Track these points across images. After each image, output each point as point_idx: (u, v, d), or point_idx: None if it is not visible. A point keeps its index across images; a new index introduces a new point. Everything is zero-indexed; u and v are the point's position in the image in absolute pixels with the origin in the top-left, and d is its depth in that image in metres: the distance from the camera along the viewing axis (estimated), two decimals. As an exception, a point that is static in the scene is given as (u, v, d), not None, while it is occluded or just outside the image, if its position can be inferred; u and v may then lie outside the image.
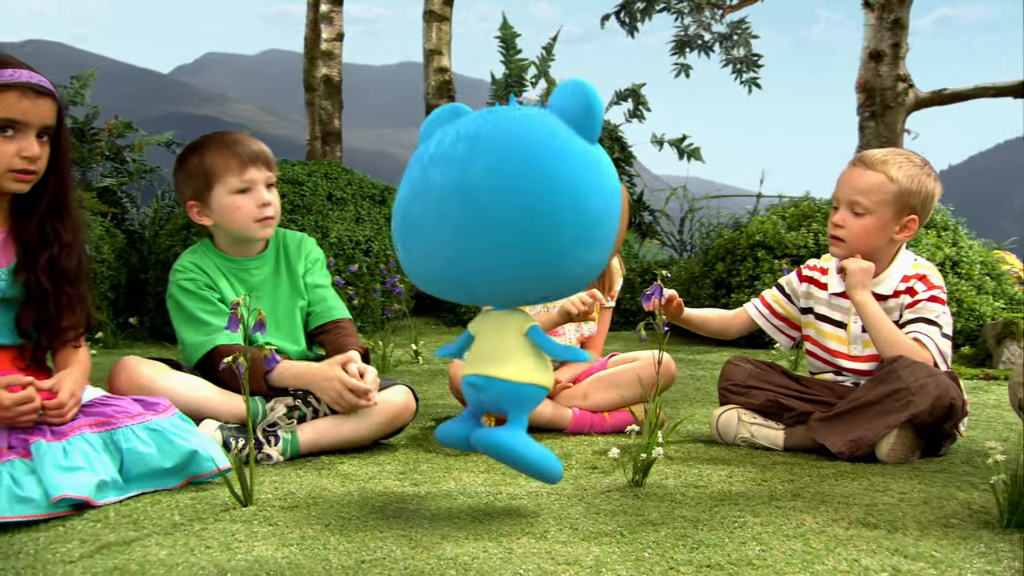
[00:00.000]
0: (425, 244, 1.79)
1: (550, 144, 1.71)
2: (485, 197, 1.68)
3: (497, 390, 1.81)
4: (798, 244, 5.24)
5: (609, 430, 2.80)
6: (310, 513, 1.86)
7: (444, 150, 1.76)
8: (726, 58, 9.48)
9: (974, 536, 1.71)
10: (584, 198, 1.72)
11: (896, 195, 2.51)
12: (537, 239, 1.69)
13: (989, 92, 9.24)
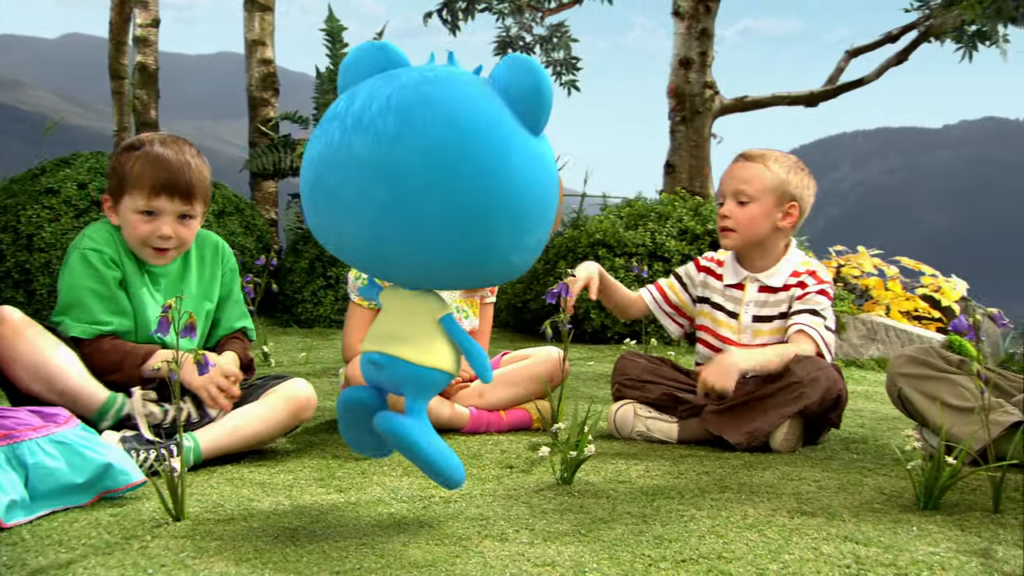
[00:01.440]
0: (341, 216, 1.65)
1: (494, 136, 1.58)
2: (415, 183, 1.54)
3: (400, 371, 1.70)
4: (636, 242, 5.43)
5: (506, 428, 2.81)
6: (250, 525, 1.77)
7: (371, 118, 1.58)
8: (546, 60, 9.68)
9: (903, 520, 1.83)
10: (522, 200, 1.61)
11: (776, 183, 2.67)
12: (467, 237, 1.59)
13: (785, 101, 9.90)
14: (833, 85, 9.85)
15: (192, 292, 2.48)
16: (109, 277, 2.33)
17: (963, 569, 1.54)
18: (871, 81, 9.81)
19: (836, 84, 9.84)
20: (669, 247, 5.36)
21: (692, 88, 8.92)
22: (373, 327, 1.77)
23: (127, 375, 2.27)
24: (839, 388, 2.54)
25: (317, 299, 6.07)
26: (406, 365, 1.70)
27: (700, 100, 8.93)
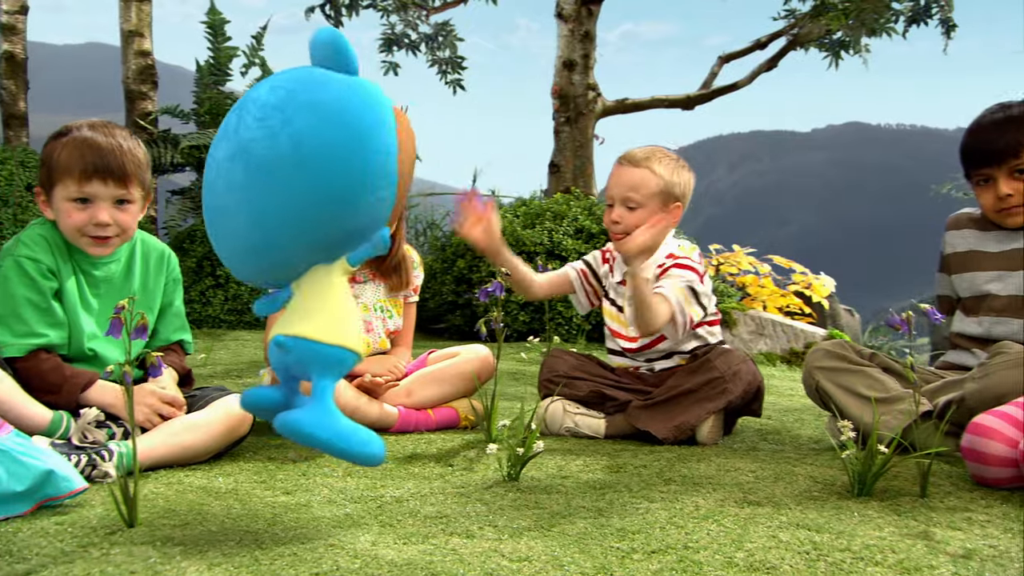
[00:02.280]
0: (223, 219, 1.75)
1: (309, 81, 1.73)
2: (258, 147, 1.67)
3: (304, 351, 1.70)
4: (534, 241, 5.50)
5: (434, 427, 2.81)
6: (208, 530, 1.72)
7: (221, 129, 1.78)
8: (432, 58, 9.67)
9: (844, 507, 1.92)
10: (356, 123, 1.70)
11: (661, 187, 2.74)
12: (313, 179, 1.67)
13: (663, 103, 10.17)
14: (708, 89, 10.18)
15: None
16: (46, 287, 2.23)
17: (911, 551, 1.63)
18: (744, 86, 10.19)
19: (711, 88, 10.17)
20: (566, 246, 5.44)
21: (576, 90, 9.06)
22: (285, 312, 1.78)
23: (65, 399, 2.19)
24: (759, 380, 2.65)
25: (206, 299, 5.92)
26: (310, 344, 1.70)
27: (583, 101, 9.08)
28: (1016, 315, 2.59)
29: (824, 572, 1.53)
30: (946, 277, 2.82)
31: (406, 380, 2.85)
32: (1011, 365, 2.30)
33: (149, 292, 2.44)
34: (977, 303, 2.67)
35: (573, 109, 9.08)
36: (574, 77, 9.10)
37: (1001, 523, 1.83)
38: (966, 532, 1.76)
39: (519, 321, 5.33)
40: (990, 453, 2.06)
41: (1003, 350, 2.38)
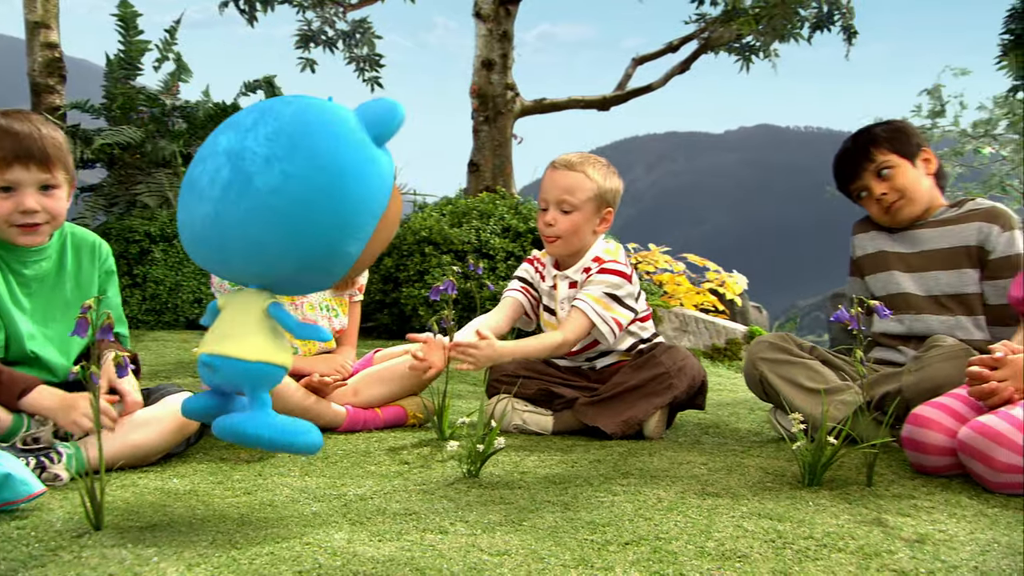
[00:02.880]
0: (194, 200, 1.76)
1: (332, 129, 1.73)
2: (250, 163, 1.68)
3: (230, 369, 1.75)
4: (462, 240, 5.50)
5: (382, 425, 2.81)
6: (178, 531, 1.70)
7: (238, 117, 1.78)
8: (349, 56, 9.59)
9: (798, 497, 1.99)
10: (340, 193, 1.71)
11: (595, 192, 2.80)
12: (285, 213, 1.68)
13: (580, 104, 10.28)
14: (623, 91, 10.33)
15: (67, 298, 2.33)
16: None
17: (868, 537, 1.71)
18: (658, 87, 10.36)
19: (626, 90, 10.32)
20: (494, 244, 5.47)
21: (494, 89, 9.10)
22: (210, 329, 1.81)
23: (2, 402, 2.11)
24: (702, 375, 2.72)
25: (122, 299, 5.76)
26: (235, 363, 1.74)
27: (502, 101, 9.12)
28: (933, 312, 2.71)
29: (791, 559, 1.59)
30: (859, 280, 2.94)
31: (353, 379, 2.84)
32: (946, 357, 2.41)
33: (84, 288, 2.37)
34: (894, 302, 2.78)
35: (492, 108, 9.11)
36: (493, 77, 9.13)
37: (945, 509, 1.92)
38: (915, 518, 1.84)
39: (424, 319, 5.33)
40: (930, 443, 2.16)
41: (938, 343, 2.49)
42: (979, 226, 2.68)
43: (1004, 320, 2.65)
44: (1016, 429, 2.00)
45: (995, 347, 2.19)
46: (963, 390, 2.24)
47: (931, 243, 2.74)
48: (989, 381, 2.13)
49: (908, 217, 2.79)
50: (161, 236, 6.18)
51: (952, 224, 2.74)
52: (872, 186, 2.78)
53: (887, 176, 2.75)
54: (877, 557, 1.60)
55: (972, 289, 2.67)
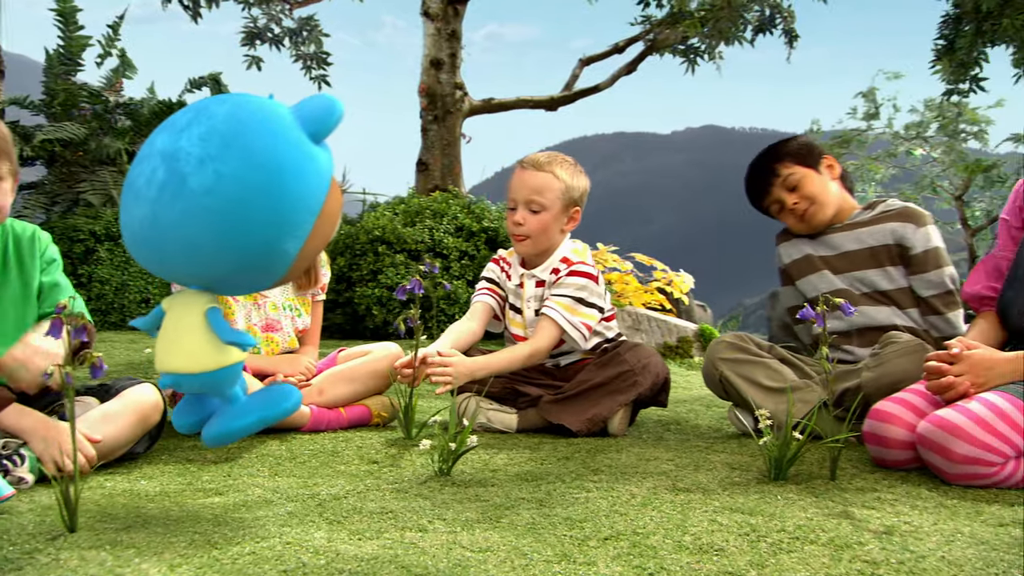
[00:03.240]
0: (132, 200, 1.75)
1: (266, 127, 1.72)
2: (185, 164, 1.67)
3: (192, 383, 1.78)
4: (415, 239, 5.50)
5: (346, 425, 2.80)
6: (154, 532, 1.68)
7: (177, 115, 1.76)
8: (296, 54, 9.52)
9: (766, 491, 2.03)
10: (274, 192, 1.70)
11: (563, 191, 2.84)
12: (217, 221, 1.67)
13: (528, 104, 10.33)
14: (570, 91, 10.39)
15: (16, 295, 2.28)
16: None
17: (838, 530, 1.75)
18: (605, 88, 10.45)
19: (573, 90, 10.39)
20: (447, 244, 5.48)
21: (443, 88, 9.10)
22: (158, 339, 1.81)
23: None
24: (666, 373, 2.77)
25: (68, 299, 5.66)
26: (192, 377, 1.76)
27: (451, 100, 9.12)
28: (870, 305, 2.79)
29: (766, 552, 1.62)
30: (790, 288, 3.02)
31: (317, 379, 2.83)
32: (903, 353, 2.49)
33: (31, 284, 2.30)
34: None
35: (441, 108, 9.11)
36: (441, 76, 9.13)
37: (907, 501, 1.98)
38: (880, 511, 1.90)
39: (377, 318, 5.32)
40: (891, 437, 2.22)
41: (894, 340, 2.57)
42: (894, 227, 2.81)
43: (936, 310, 2.78)
44: (972, 422, 2.07)
45: (952, 343, 2.26)
46: (921, 385, 2.31)
47: (851, 245, 2.86)
48: (947, 376, 2.20)
49: (822, 221, 2.91)
50: (106, 235, 6.08)
51: (867, 226, 2.86)
52: (783, 198, 2.91)
53: (795, 186, 2.88)
54: (848, 549, 1.64)
55: (901, 284, 2.79)
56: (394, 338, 5.39)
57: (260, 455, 2.41)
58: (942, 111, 18.75)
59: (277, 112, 1.75)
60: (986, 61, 10.72)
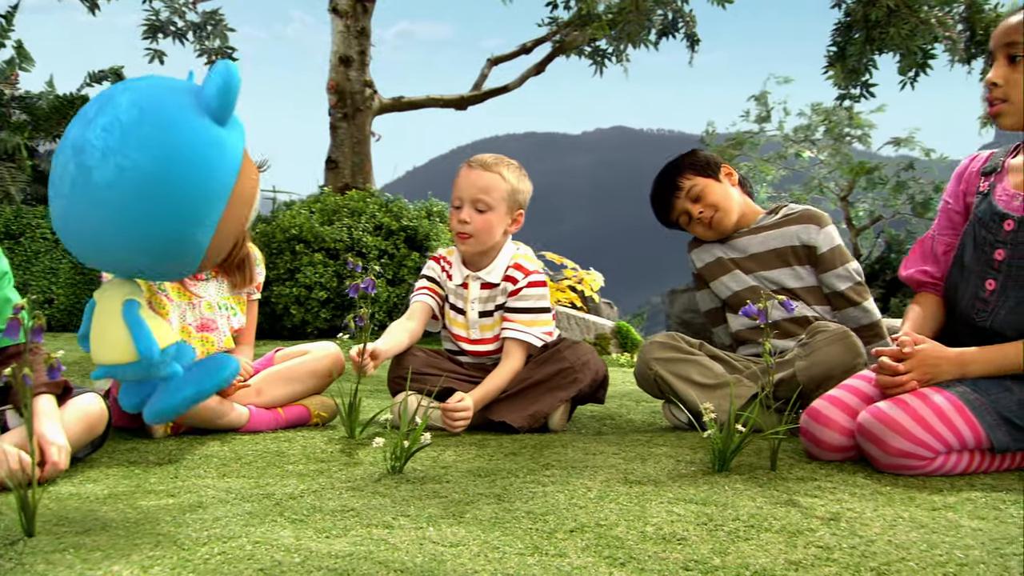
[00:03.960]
0: (53, 195, 1.77)
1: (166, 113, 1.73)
2: (88, 155, 1.67)
3: (125, 371, 1.83)
4: (334, 237, 5.46)
5: (284, 425, 2.78)
6: (116, 535, 1.65)
7: (87, 111, 1.76)
8: (200, 48, 9.31)
9: (714, 482, 2.10)
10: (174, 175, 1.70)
11: (509, 193, 2.89)
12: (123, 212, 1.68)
13: (439, 103, 10.33)
14: (480, 91, 10.44)
15: None
16: None
17: (789, 517, 1.83)
18: (514, 88, 10.53)
19: (482, 90, 10.43)
20: (367, 242, 5.45)
21: (352, 86, 9.03)
22: (92, 330, 1.85)
23: None
24: (604, 370, 2.83)
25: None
26: (124, 367, 1.81)
27: (361, 98, 9.07)
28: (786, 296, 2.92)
29: (725, 539, 1.69)
30: (706, 292, 3.13)
31: (255, 379, 2.80)
32: (831, 341, 2.60)
33: None
34: (746, 295, 2.97)
35: (350, 105, 9.05)
36: (351, 73, 9.07)
37: (845, 489, 2.07)
38: (822, 498, 1.98)
39: (320, 319, 5.28)
40: (825, 440, 2.31)
41: (821, 329, 2.68)
42: (797, 230, 2.96)
43: (852, 300, 2.93)
44: (910, 418, 2.16)
45: (902, 339, 2.32)
46: (856, 380, 2.39)
47: (758, 247, 3.00)
48: (897, 372, 2.25)
49: (728, 227, 3.05)
50: (6, 233, 5.85)
51: (772, 229, 3.01)
52: (689, 209, 3.05)
53: (698, 196, 3.03)
54: (801, 535, 1.72)
55: (809, 282, 2.94)
56: (313, 337, 5.34)
57: (204, 456, 2.38)
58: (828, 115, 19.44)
59: (179, 98, 1.73)
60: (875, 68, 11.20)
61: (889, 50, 10.97)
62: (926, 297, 2.54)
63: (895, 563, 1.56)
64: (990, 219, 2.34)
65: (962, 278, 2.41)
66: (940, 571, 1.53)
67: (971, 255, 2.38)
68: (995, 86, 2.27)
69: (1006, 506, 1.94)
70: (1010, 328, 2.30)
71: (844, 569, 1.54)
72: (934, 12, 10.61)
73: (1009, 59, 2.26)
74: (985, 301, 2.34)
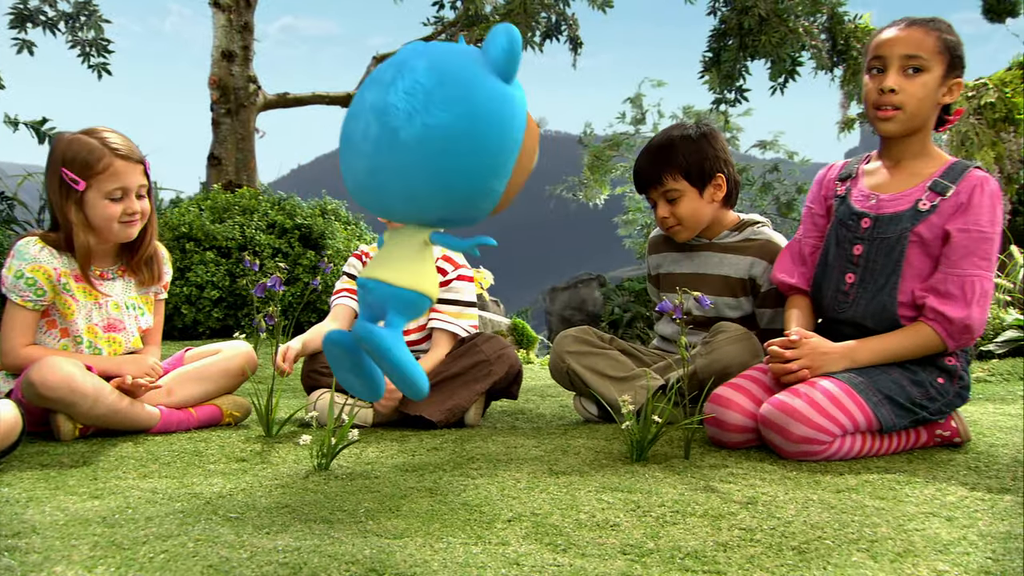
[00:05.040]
0: (350, 156, 1.87)
1: (459, 80, 1.80)
2: (394, 118, 1.77)
3: (382, 292, 1.89)
4: (226, 236, 5.35)
5: (196, 425, 2.74)
6: (49, 537, 1.61)
7: (380, 72, 1.87)
8: (73, 39, 8.94)
9: (635, 471, 2.18)
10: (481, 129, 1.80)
11: None
12: (432, 164, 1.78)
13: (325, 100, 10.20)
14: (365, 88, 10.36)
15: None
16: None
17: (710, 502, 1.92)
18: (401, 87, 10.47)
19: (368, 87, 10.36)
20: (260, 240, 5.37)
21: (236, 81, 8.86)
22: (372, 259, 1.95)
23: None
24: (519, 365, 2.89)
25: None
26: (387, 287, 1.88)
27: (244, 94, 8.90)
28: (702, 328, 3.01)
29: (655, 524, 1.77)
30: (655, 289, 3.23)
31: (165, 379, 2.75)
32: (732, 341, 2.73)
33: None
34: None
35: (234, 101, 8.87)
36: (233, 68, 8.89)
37: (756, 475, 2.18)
38: (737, 484, 2.09)
39: (212, 318, 5.18)
40: (729, 422, 2.44)
41: (722, 329, 2.80)
42: (752, 261, 2.98)
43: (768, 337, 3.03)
44: (808, 406, 2.31)
45: (789, 331, 2.50)
46: (755, 371, 2.55)
47: (712, 268, 3.02)
48: (788, 361, 2.43)
49: (684, 239, 3.06)
50: None
51: (731, 252, 3.02)
52: (658, 204, 3.01)
53: (672, 200, 2.98)
54: (724, 518, 1.81)
55: (747, 311, 3.00)
56: (206, 337, 5.24)
57: (119, 457, 2.33)
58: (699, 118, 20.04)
59: (470, 62, 1.82)
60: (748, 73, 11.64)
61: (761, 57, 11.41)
62: (798, 299, 2.73)
63: (813, 542, 1.67)
64: (849, 219, 2.57)
65: (825, 275, 2.62)
66: (854, 547, 1.64)
67: (834, 253, 2.60)
68: (892, 92, 2.45)
69: (900, 487, 2.09)
70: (869, 317, 2.52)
71: (768, 549, 1.64)
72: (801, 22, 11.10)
73: (904, 70, 2.44)
74: (846, 294, 2.56)
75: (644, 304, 15.50)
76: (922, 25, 2.47)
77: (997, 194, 2.44)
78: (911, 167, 2.55)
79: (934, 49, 2.44)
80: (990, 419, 3.06)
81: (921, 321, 2.44)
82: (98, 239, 2.67)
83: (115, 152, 2.60)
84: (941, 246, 2.44)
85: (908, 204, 2.48)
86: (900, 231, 2.47)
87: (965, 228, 2.41)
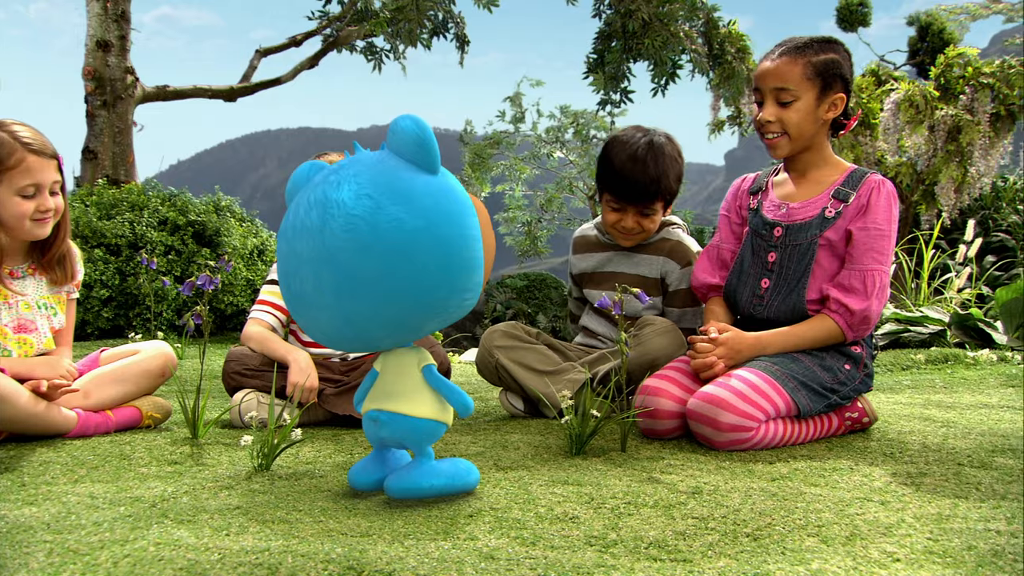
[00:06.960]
0: (312, 312, 1.82)
1: (394, 189, 1.74)
2: (347, 258, 1.71)
3: (397, 425, 1.88)
4: (116, 233, 5.15)
5: (114, 428, 2.64)
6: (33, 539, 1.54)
7: (301, 220, 1.78)
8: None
9: (577, 465, 2.21)
10: (439, 232, 1.75)
11: None
12: (406, 286, 1.74)
13: (206, 94, 9.93)
14: (249, 82, 10.13)
15: None
16: None
17: (658, 493, 1.97)
18: (287, 81, 10.28)
19: (252, 82, 10.13)
20: (151, 237, 5.19)
21: (112, 72, 8.55)
22: (372, 389, 1.93)
23: None
24: (448, 362, 2.89)
25: None
26: (400, 418, 1.88)
27: (121, 86, 8.59)
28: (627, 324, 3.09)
29: (612, 516, 1.80)
30: (577, 287, 3.29)
31: (81, 381, 2.64)
32: (658, 333, 2.80)
33: None
34: (601, 313, 3.15)
35: (110, 93, 8.55)
36: (110, 59, 8.57)
37: (694, 465, 2.25)
38: (678, 474, 2.15)
39: (102, 318, 4.98)
40: (661, 409, 2.51)
41: (649, 322, 2.87)
42: (663, 260, 3.09)
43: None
44: (734, 395, 2.40)
45: (707, 328, 2.60)
46: (681, 363, 2.63)
47: (631, 267, 3.11)
48: (708, 355, 2.54)
49: (628, 244, 3.13)
50: None
51: (647, 253, 3.12)
52: (628, 218, 3.02)
53: (645, 215, 3.02)
54: (675, 508, 1.86)
55: (657, 307, 3.10)
56: (95, 338, 5.03)
57: (42, 463, 2.23)
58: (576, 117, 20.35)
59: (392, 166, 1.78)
60: (632, 75, 11.91)
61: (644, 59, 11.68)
62: (715, 301, 2.87)
63: (764, 528, 1.73)
64: (763, 228, 2.73)
65: (741, 281, 2.76)
66: (804, 533, 1.71)
67: (750, 261, 2.75)
68: (769, 123, 2.63)
69: (828, 473, 2.18)
70: (783, 316, 2.68)
71: (724, 536, 1.69)
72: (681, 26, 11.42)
73: (779, 102, 2.62)
74: (761, 297, 2.71)
75: (526, 301, 15.64)
76: (791, 54, 2.61)
77: (893, 195, 2.62)
78: (815, 176, 2.72)
79: (801, 77, 2.58)
80: (888, 408, 3.23)
81: (824, 313, 2.60)
82: (9, 237, 2.55)
83: (27, 147, 2.47)
84: (845, 245, 2.61)
85: (815, 211, 2.65)
86: (810, 237, 2.63)
87: (865, 227, 2.58)
